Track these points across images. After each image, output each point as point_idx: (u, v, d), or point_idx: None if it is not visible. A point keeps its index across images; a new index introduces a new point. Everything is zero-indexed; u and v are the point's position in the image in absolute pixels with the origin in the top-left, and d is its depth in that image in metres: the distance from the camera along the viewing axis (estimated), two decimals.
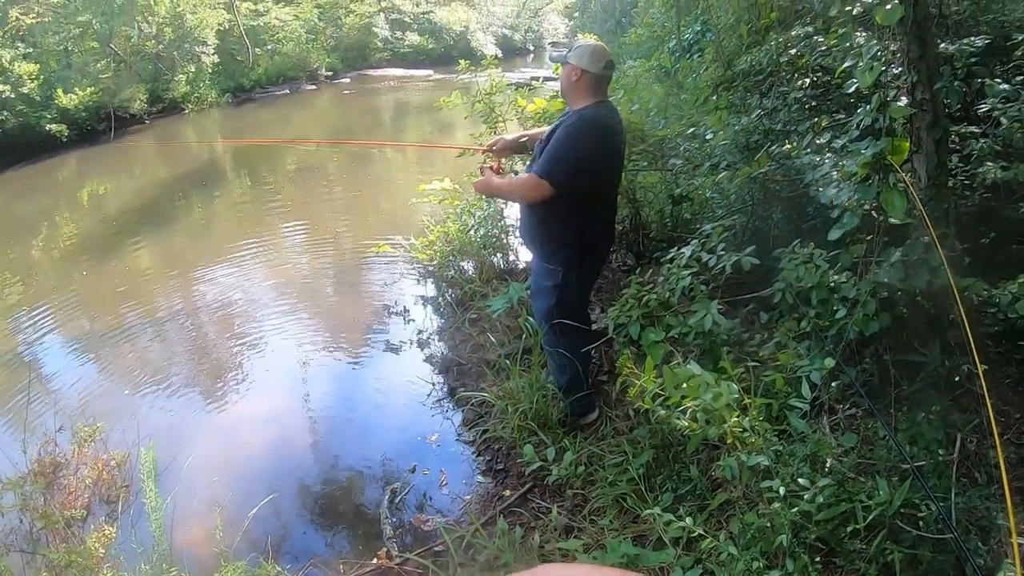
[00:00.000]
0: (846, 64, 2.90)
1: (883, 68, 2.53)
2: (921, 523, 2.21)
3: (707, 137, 4.24)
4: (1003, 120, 3.17)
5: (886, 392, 2.87)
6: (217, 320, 6.53)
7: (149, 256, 8.88)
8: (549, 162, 3.14)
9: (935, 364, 2.79)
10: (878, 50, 2.55)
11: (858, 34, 3.12)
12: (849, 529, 2.18)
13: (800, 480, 2.12)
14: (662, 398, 2.25)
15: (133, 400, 5.11)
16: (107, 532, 3.43)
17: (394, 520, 3.54)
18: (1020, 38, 3.45)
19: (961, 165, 3.35)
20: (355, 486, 4.01)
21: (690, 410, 2.20)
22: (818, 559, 2.16)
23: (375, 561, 3.20)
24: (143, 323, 6.56)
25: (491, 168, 3.63)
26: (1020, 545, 2.30)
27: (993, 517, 2.27)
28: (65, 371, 5.79)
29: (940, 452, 2.40)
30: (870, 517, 2.11)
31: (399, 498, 3.70)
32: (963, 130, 3.27)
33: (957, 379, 2.81)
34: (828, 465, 2.36)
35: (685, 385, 2.14)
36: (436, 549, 3.14)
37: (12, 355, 6.10)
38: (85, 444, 4.04)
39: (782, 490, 2.05)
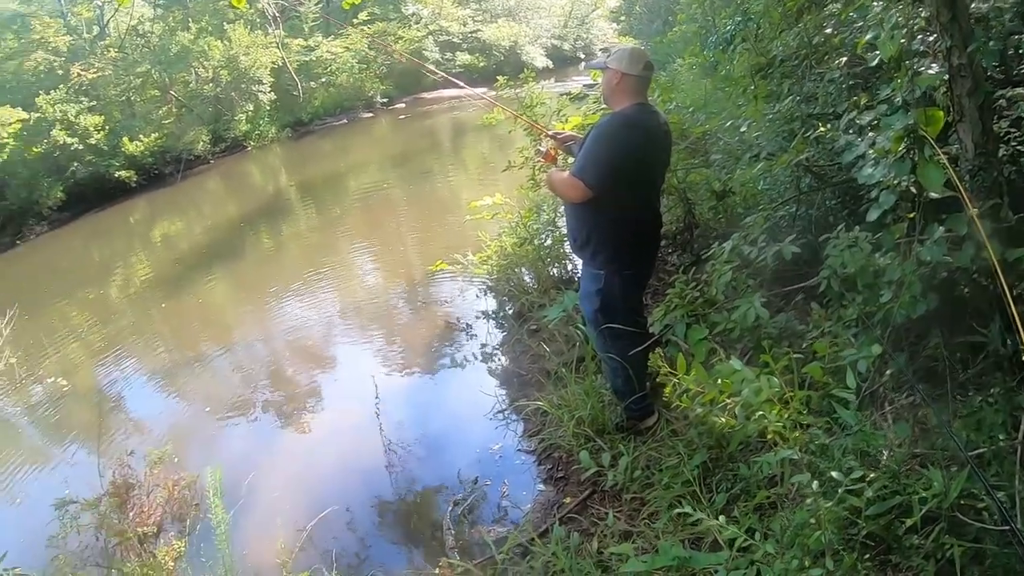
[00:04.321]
0: (867, 36, 2.79)
1: (909, 37, 2.43)
2: (985, 513, 2.09)
3: (741, 129, 4.14)
4: None
5: (949, 377, 2.73)
6: (288, 345, 6.80)
7: (222, 288, 9.30)
8: (583, 161, 3.17)
9: (996, 344, 2.65)
10: (900, 18, 2.45)
11: (876, 4, 2.99)
12: (908, 523, 2.07)
13: (834, 474, 2.03)
14: (700, 396, 2.20)
15: (209, 424, 5.42)
16: (177, 547, 3.66)
17: (456, 531, 3.60)
18: None
19: (1013, 130, 3.17)
20: (420, 499, 4.11)
21: (728, 407, 2.15)
22: (868, 557, 2.06)
23: (436, 571, 3.25)
24: (218, 351, 6.91)
25: (548, 153, 3.71)
26: None
27: None
28: (144, 400, 6.19)
29: (1001, 437, 2.26)
30: (923, 510, 2.01)
31: (462, 509, 3.76)
32: (1010, 93, 3.09)
33: None
34: (885, 457, 2.26)
35: (721, 382, 2.10)
36: (496, 558, 3.14)
37: (94, 387, 6.51)
38: (156, 466, 4.25)
39: (815, 485, 1.96)
